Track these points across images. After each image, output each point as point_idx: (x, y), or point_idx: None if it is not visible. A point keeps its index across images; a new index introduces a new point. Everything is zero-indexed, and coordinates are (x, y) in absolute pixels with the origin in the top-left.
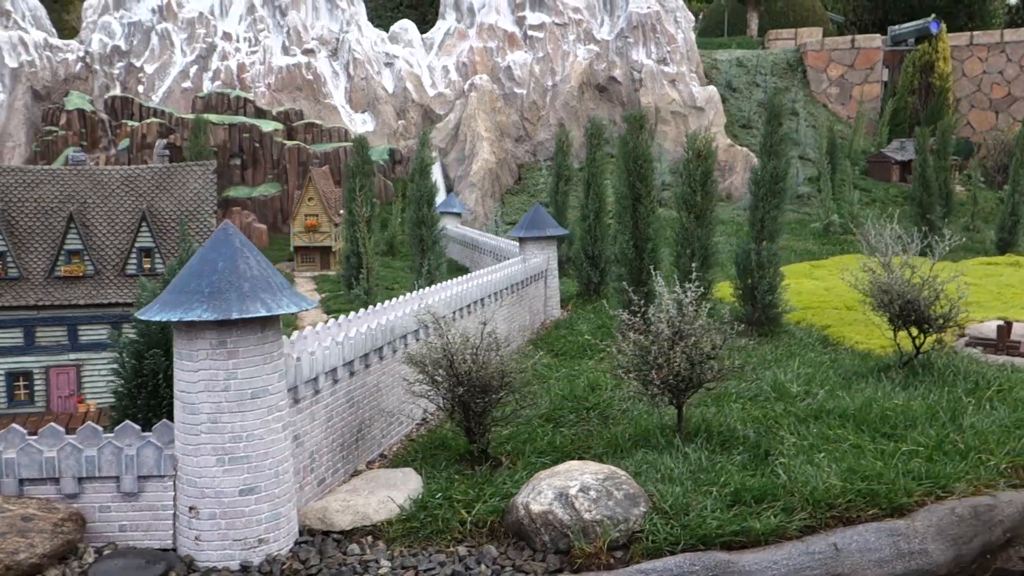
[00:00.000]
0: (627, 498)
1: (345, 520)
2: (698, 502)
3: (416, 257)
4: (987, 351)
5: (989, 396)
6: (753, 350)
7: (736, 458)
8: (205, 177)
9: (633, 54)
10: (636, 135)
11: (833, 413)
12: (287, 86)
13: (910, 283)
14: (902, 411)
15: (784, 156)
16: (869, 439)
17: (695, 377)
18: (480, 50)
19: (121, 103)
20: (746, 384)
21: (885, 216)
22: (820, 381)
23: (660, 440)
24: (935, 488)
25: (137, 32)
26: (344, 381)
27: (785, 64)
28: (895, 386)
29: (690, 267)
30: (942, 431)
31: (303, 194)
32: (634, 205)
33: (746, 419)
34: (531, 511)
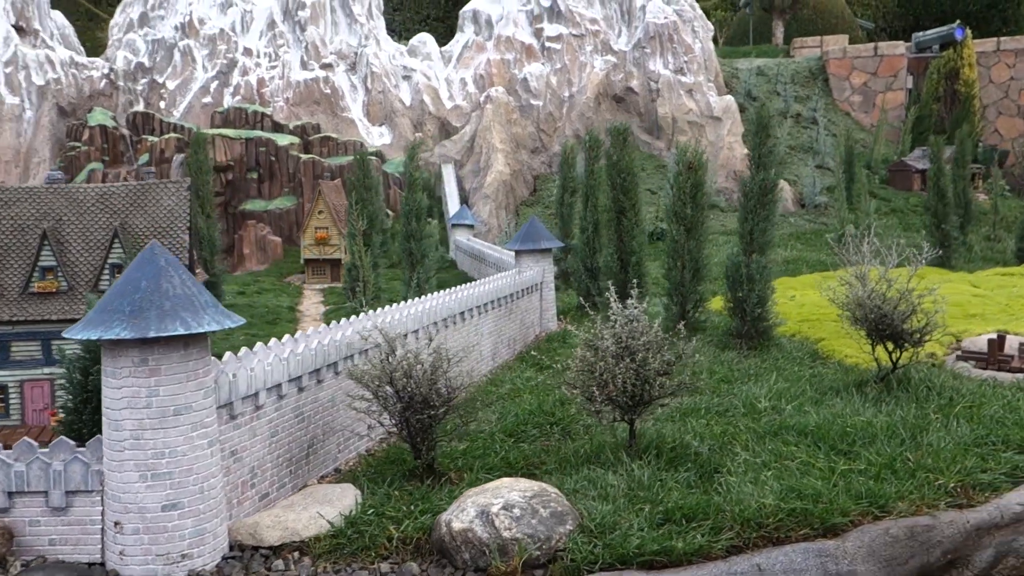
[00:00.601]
0: (553, 516)
1: (274, 536)
2: (627, 520)
3: (406, 271)
4: (978, 365)
5: (957, 413)
6: (736, 364)
7: (682, 475)
8: (179, 194)
9: (650, 64)
10: (620, 148)
11: (793, 429)
12: (305, 100)
13: (886, 297)
14: (863, 428)
15: (773, 168)
16: (823, 456)
17: (644, 394)
18: (497, 62)
19: (142, 119)
20: (718, 399)
21: (900, 226)
22: (792, 396)
23: (610, 457)
24: (873, 508)
25: (160, 49)
26: (291, 397)
27: (807, 72)
28: (867, 402)
29: (681, 279)
30: (898, 449)
31: (313, 207)
32: (618, 218)
33: (705, 435)
34: (452, 528)
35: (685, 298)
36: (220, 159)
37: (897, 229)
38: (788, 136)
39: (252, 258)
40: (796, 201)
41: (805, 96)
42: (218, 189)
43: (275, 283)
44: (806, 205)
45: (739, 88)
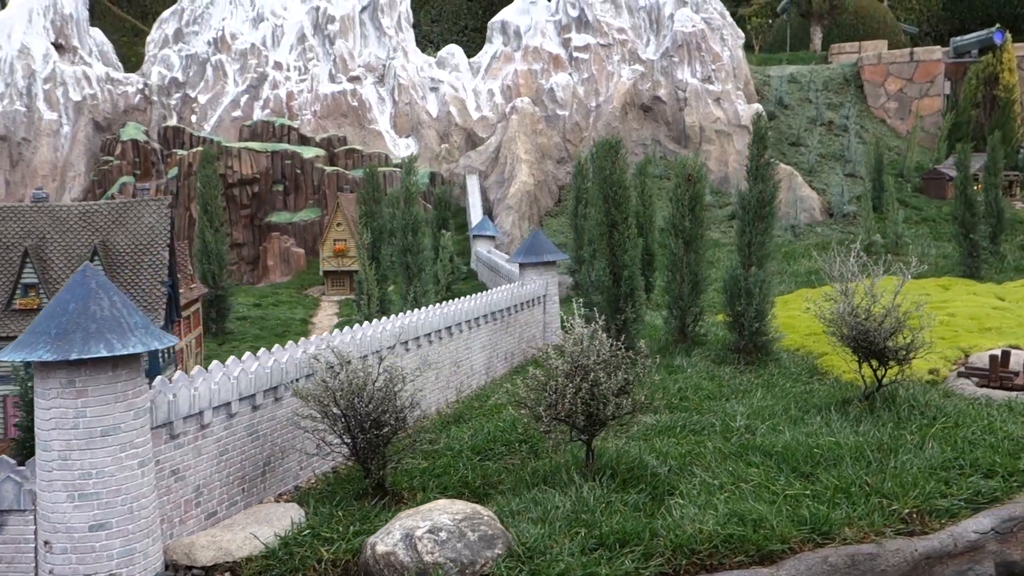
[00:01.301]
0: (482, 540)
1: (207, 556)
2: (559, 545)
3: (403, 284)
4: (980, 382)
5: (933, 434)
6: (729, 380)
7: (632, 497)
8: (160, 212)
9: (678, 73)
10: (612, 161)
11: (760, 450)
12: (332, 113)
13: (869, 313)
14: (830, 449)
15: (770, 180)
16: (783, 479)
17: (599, 413)
18: (524, 72)
19: (173, 133)
20: (698, 416)
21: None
22: (772, 415)
23: (563, 477)
24: (815, 534)
25: (193, 64)
26: (244, 415)
27: (841, 79)
28: (847, 421)
29: (680, 293)
30: (862, 472)
31: (331, 219)
32: (610, 232)
33: (668, 455)
34: (376, 552)
35: (684, 312)
36: (246, 172)
37: (928, 239)
38: (819, 144)
39: (276, 270)
40: (824, 210)
41: (838, 103)
42: (244, 202)
43: (293, 295)
44: (834, 215)
45: (770, 96)
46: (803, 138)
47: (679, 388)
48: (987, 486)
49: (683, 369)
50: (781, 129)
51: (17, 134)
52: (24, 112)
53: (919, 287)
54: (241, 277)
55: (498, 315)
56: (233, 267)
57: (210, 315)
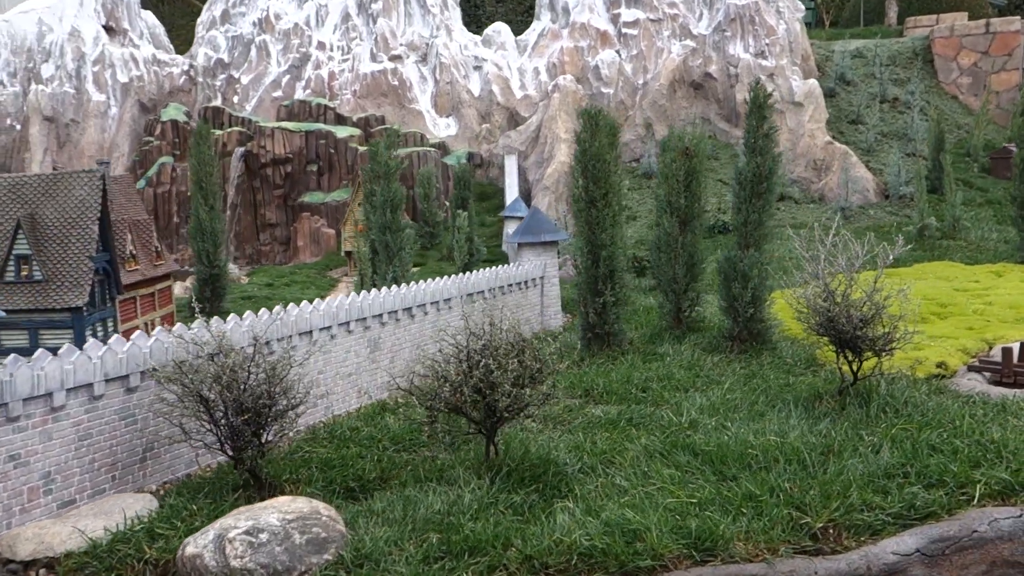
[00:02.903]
0: (311, 543)
1: (27, 549)
2: (403, 551)
3: (383, 264)
4: (992, 378)
5: (895, 435)
6: (710, 369)
7: (520, 498)
8: (92, 184)
9: (730, 48)
10: (591, 133)
11: (690, 449)
12: (372, 92)
13: (837, 300)
14: (769, 450)
15: (769, 154)
16: (702, 482)
17: (496, 405)
18: (570, 50)
19: (213, 113)
20: (653, 409)
21: (994, 219)
22: (733, 409)
23: (459, 473)
24: (696, 550)
25: (239, 45)
26: (114, 398)
27: (910, 53)
28: (810, 418)
29: (674, 275)
30: (791, 476)
31: (353, 199)
32: (588, 208)
33: (587, 451)
34: (184, 553)
35: (679, 296)
36: (279, 152)
37: (990, 222)
38: (881, 122)
39: (306, 250)
40: (880, 192)
41: (905, 79)
42: (277, 182)
43: (312, 275)
44: (890, 196)
45: (831, 71)
46: (864, 116)
47: (646, 378)
48: (927, 499)
49: (663, 357)
50: (841, 106)
51: (65, 115)
52: (73, 94)
53: (969, 273)
54: (274, 257)
55: (476, 296)
56: (266, 247)
57: (204, 294)
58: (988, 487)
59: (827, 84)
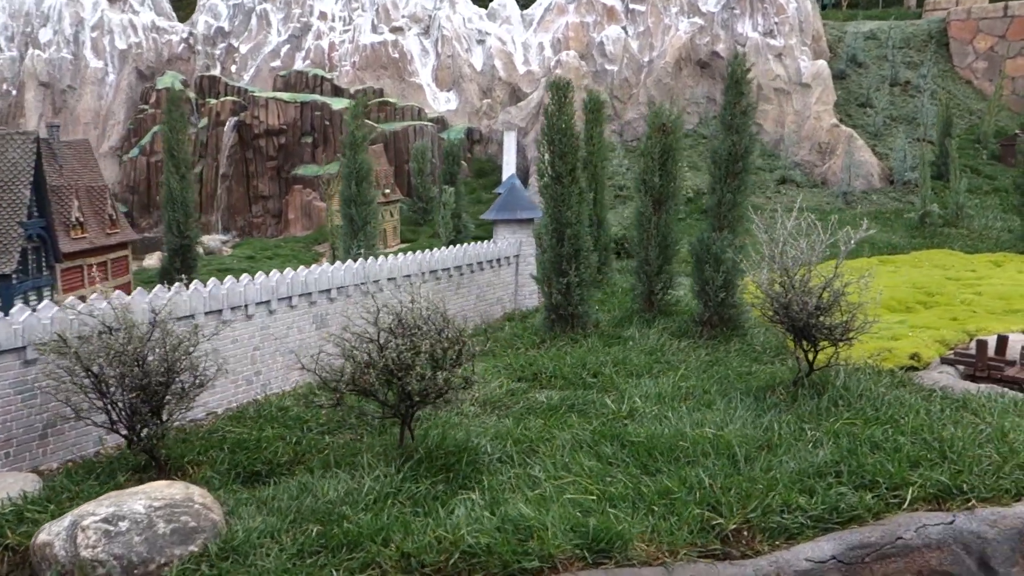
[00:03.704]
0: (176, 533)
1: None
2: (279, 543)
3: (347, 238)
4: (966, 371)
5: (838, 429)
6: (672, 355)
7: (426, 489)
8: (25, 147)
9: (738, 26)
10: (559, 107)
11: (621, 439)
12: (372, 64)
13: (791, 287)
14: (700, 443)
15: (746, 132)
16: (623, 475)
17: (410, 388)
18: (576, 25)
19: (209, 82)
20: (600, 395)
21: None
22: (681, 397)
23: (367, 460)
24: (592, 551)
25: (239, 13)
26: (8, 371)
27: (925, 36)
28: (758, 409)
29: (646, 257)
30: (717, 472)
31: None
32: (554, 184)
33: (512, 439)
34: (37, 541)
35: (651, 278)
36: (272, 123)
37: (995, 210)
38: (891, 106)
39: (297, 223)
40: (884, 177)
41: (918, 62)
42: (271, 153)
43: (297, 249)
44: (895, 181)
45: (843, 53)
46: (873, 99)
47: (601, 362)
48: (853, 501)
49: (627, 341)
50: (851, 89)
51: (62, 81)
52: (71, 60)
53: (967, 262)
54: (266, 230)
55: (442, 274)
56: (258, 219)
57: (174, 264)
58: (923, 490)
59: (838, 66)
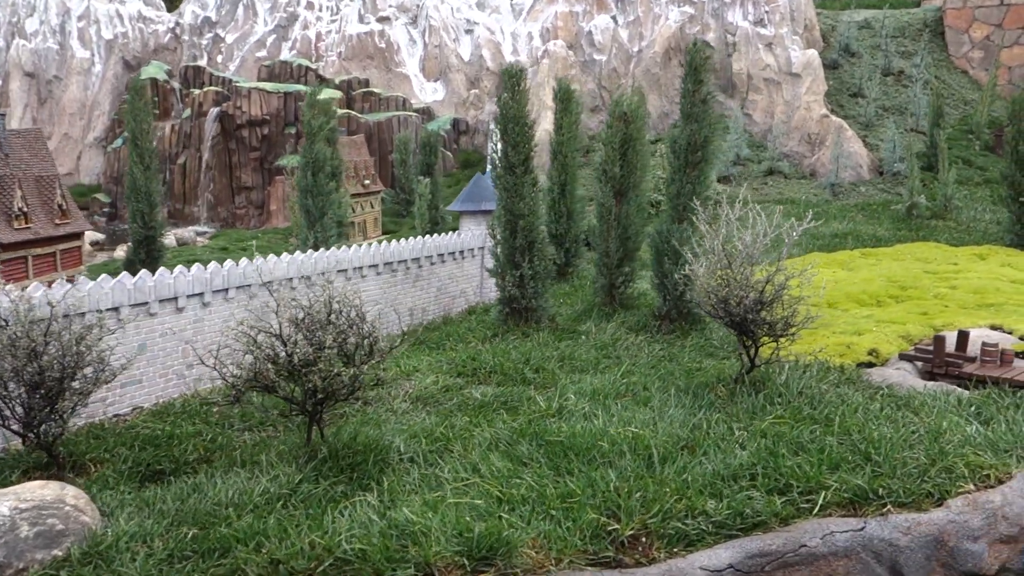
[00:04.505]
0: (40, 537)
1: None
2: (148, 548)
3: (303, 229)
4: (924, 367)
5: (764, 429)
6: (623, 350)
7: (321, 490)
8: None
9: (728, 15)
10: (513, 93)
11: (541, 437)
12: (358, 54)
13: (729, 280)
14: (619, 442)
15: (706, 121)
16: (532, 476)
17: (313, 384)
18: (564, 14)
19: (194, 72)
20: (534, 392)
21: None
22: (618, 394)
23: (271, 459)
24: (474, 557)
25: (227, 3)
26: None
27: (920, 25)
28: (693, 407)
29: (607, 249)
30: (630, 474)
31: None
32: (506, 175)
33: (428, 438)
34: None
35: (611, 271)
36: (255, 113)
37: (985, 202)
38: (883, 96)
39: (279, 214)
40: (873, 168)
41: (913, 51)
42: (254, 144)
43: (275, 240)
44: (884, 173)
45: (836, 42)
46: (866, 89)
47: (546, 357)
48: (761, 506)
49: (580, 335)
50: (843, 78)
51: (48, 72)
52: (56, 50)
53: (950, 255)
54: (248, 221)
55: (398, 266)
56: (240, 210)
57: (139, 256)
58: (838, 494)
59: (830, 55)
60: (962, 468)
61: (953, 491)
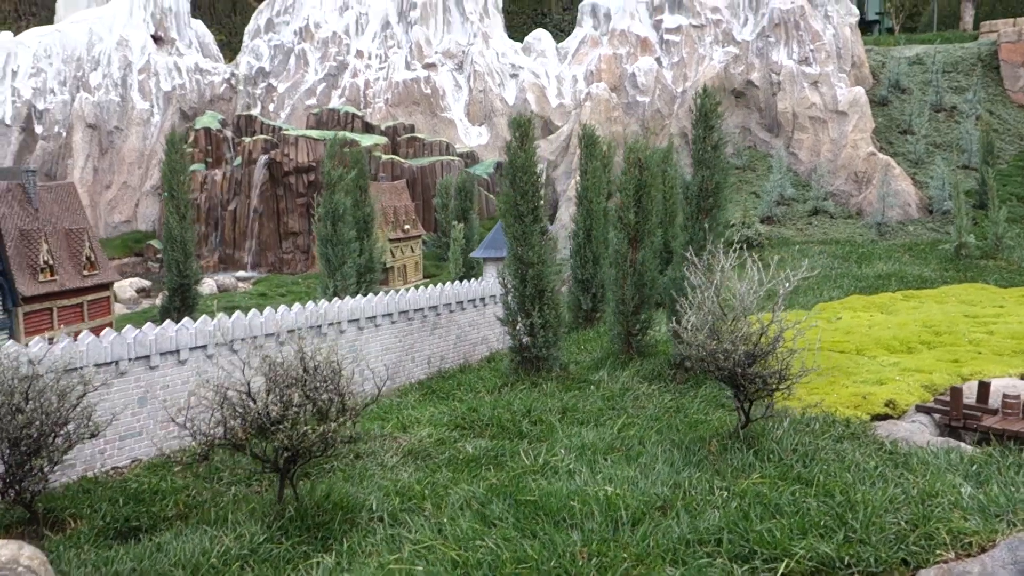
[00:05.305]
0: None
1: None
2: None
3: (324, 278)
4: (942, 420)
5: (745, 489)
6: (631, 401)
7: (284, 550)
8: None
9: (773, 55)
10: (521, 143)
11: (514, 497)
12: (404, 100)
13: (721, 333)
14: (587, 502)
15: (718, 167)
16: (492, 540)
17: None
18: (608, 57)
19: (246, 121)
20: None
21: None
22: (609, 449)
23: (234, 515)
24: None
25: (280, 53)
26: None
27: (974, 59)
28: (684, 464)
29: (623, 297)
30: (593, 538)
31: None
32: (515, 223)
33: (409, 494)
34: None
35: (627, 318)
36: (302, 160)
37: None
38: (934, 132)
39: None
40: (922, 206)
41: (966, 87)
42: (300, 190)
43: (313, 286)
44: (934, 211)
45: (886, 78)
46: (916, 125)
47: (548, 408)
48: (717, 575)
49: (589, 385)
50: (893, 115)
51: (110, 123)
52: (118, 102)
53: (996, 297)
54: (295, 266)
55: (414, 315)
56: (287, 255)
57: (174, 303)
58: (802, 562)
59: (880, 92)
60: (944, 534)
61: (931, 559)
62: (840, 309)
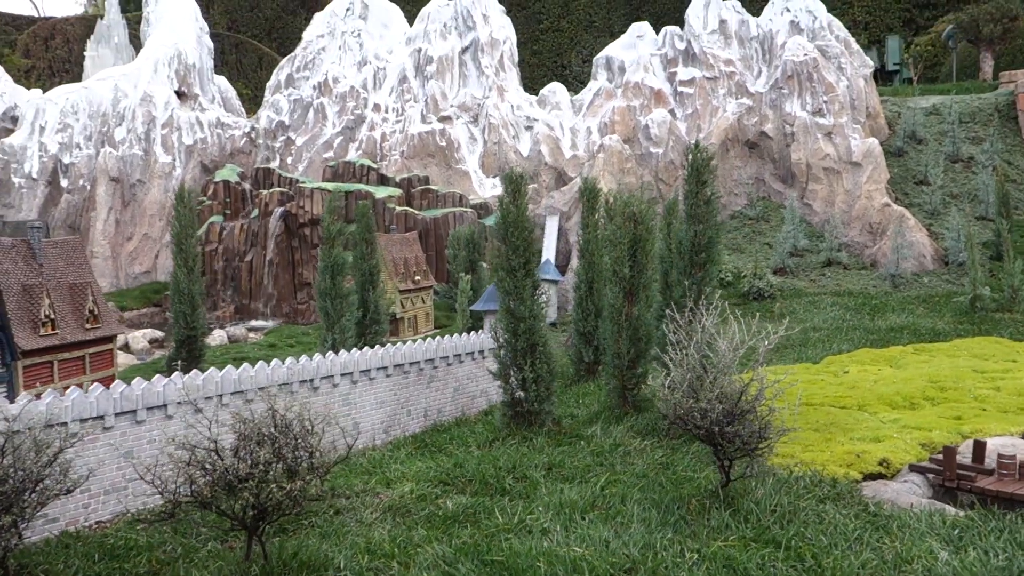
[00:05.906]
0: None
1: None
2: None
3: (323, 330)
4: (936, 480)
5: (714, 553)
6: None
7: None
8: None
9: (786, 106)
10: (513, 199)
11: (484, 558)
12: (419, 153)
13: (698, 391)
14: (552, 564)
15: (711, 222)
16: None
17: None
18: (622, 109)
19: (264, 174)
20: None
21: None
22: (587, 508)
23: (207, 574)
24: None
25: (299, 107)
26: None
27: (991, 109)
28: (661, 524)
29: (617, 351)
30: None
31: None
32: (508, 278)
33: (380, 553)
34: None
35: (623, 373)
36: (317, 212)
37: None
38: (951, 182)
39: None
40: (938, 258)
41: (983, 137)
42: (315, 241)
43: None
44: (949, 263)
45: (901, 129)
46: (931, 176)
47: (535, 464)
48: None
49: (579, 441)
50: (908, 166)
51: (132, 176)
52: (141, 156)
53: (1010, 351)
54: (310, 316)
55: (410, 368)
56: (302, 306)
57: (181, 355)
58: None
59: (895, 143)
60: None
61: None
62: (848, 362)
